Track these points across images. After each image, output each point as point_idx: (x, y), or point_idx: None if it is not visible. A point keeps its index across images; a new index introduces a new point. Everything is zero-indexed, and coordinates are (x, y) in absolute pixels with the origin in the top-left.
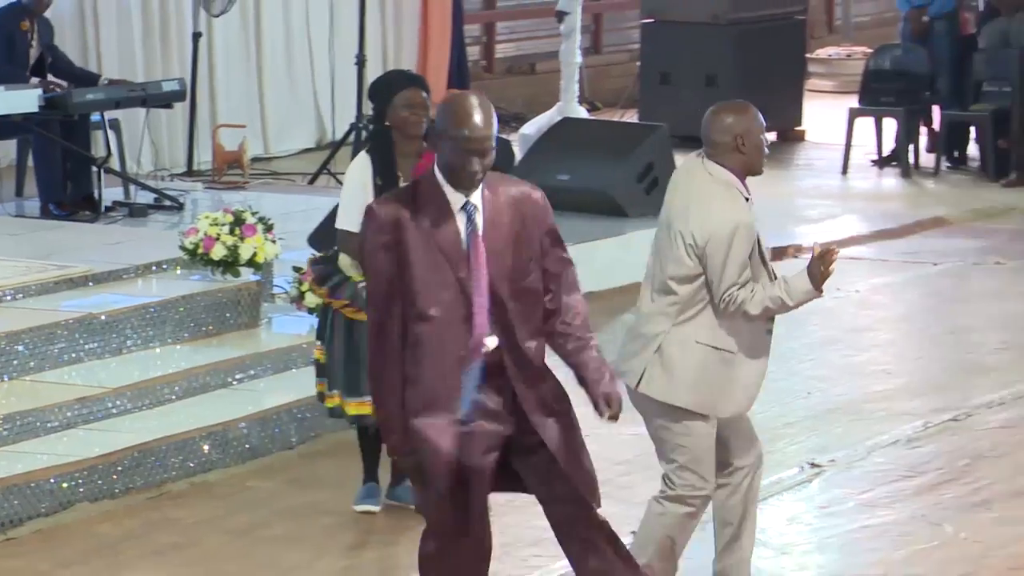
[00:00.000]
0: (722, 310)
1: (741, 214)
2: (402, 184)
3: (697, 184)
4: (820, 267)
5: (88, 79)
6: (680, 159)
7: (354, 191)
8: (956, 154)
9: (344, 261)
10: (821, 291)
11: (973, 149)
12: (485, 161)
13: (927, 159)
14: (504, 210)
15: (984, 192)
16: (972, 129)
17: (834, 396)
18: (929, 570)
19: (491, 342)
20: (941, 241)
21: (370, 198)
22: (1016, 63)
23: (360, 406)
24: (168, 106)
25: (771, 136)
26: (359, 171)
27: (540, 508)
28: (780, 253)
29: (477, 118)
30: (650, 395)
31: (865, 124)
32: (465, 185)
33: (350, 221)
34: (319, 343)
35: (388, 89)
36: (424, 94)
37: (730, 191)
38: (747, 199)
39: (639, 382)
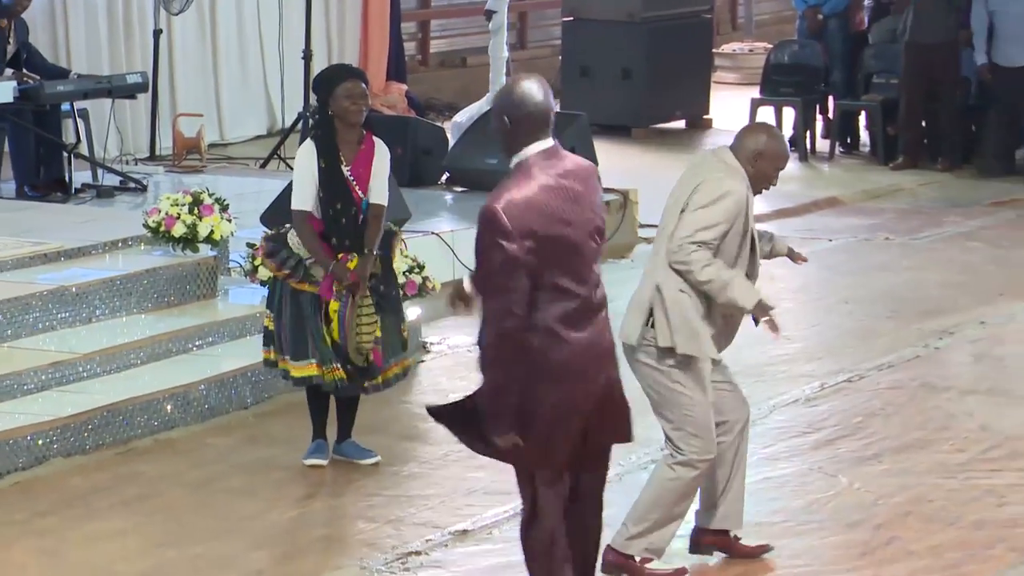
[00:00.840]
0: (671, 253)
1: (738, 186)
2: (344, 168)
3: (708, 165)
4: (766, 312)
5: (59, 73)
6: (599, 147)
7: (304, 176)
8: (848, 140)
9: (292, 239)
10: (754, 319)
11: (864, 135)
12: None
13: (822, 144)
14: None
15: (874, 174)
16: (863, 117)
17: (739, 360)
18: (826, 517)
19: None
20: (835, 219)
21: (315, 181)
22: (903, 57)
23: (305, 368)
24: (132, 97)
25: (681, 124)
26: (306, 157)
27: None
28: None
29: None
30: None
31: (766, 113)
32: None
33: (302, 202)
34: (268, 312)
35: (331, 81)
36: (364, 85)
37: (737, 172)
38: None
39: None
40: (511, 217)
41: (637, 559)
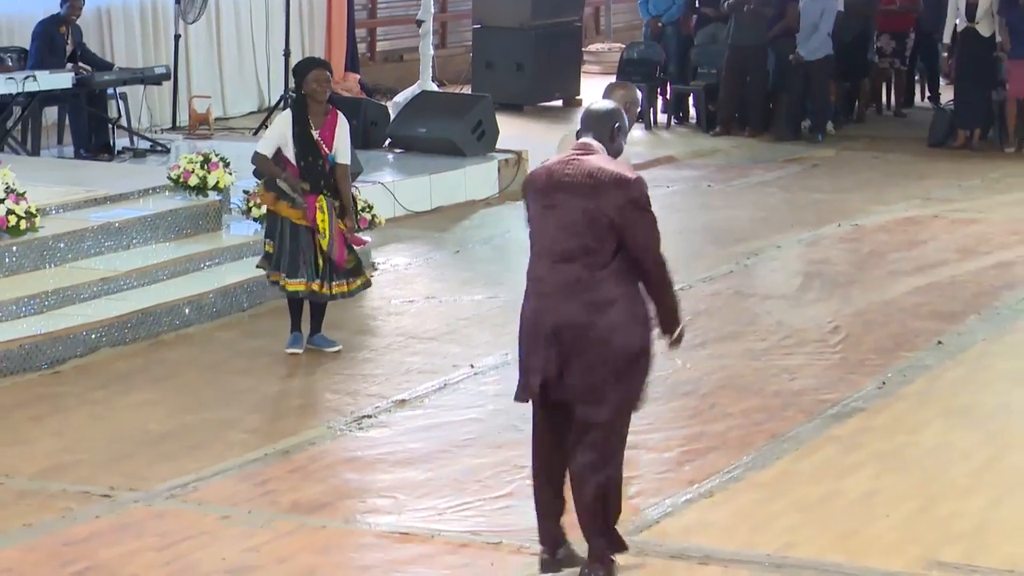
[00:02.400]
0: None
1: None
2: (313, 132)
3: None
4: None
5: (105, 66)
6: (500, 120)
7: (274, 132)
8: (680, 114)
9: (280, 183)
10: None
11: (692, 111)
12: None
13: (662, 118)
14: None
15: (699, 139)
16: (691, 98)
17: None
18: (666, 389)
19: None
20: (672, 171)
21: (289, 140)
22: (725, 54)
23: (296, 284)
24: (158, 83)
25: (559, 102)
26: (282, 122)
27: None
28: None
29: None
30: None
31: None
32: None
33: (265, 148)
34: (268, 240)
35: (304, 69)
36: (328, 73)
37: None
38: None
39: None
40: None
41: None
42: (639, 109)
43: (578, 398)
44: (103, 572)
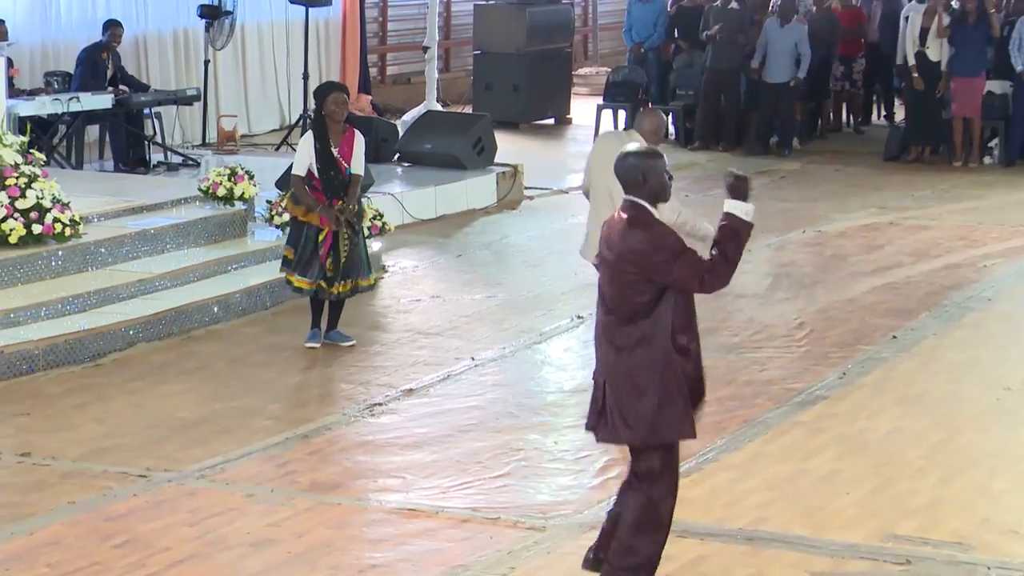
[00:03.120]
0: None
1: None
2: (333, 149)
3: (627, 142)
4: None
5: (142, 87)
6: (498, 136)
7: (302, 153)
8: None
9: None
10: None
11: (672, 129)
12: None
13: None
14: None
15: (679, 154)
16: (671, 116)
17: (587, 275)
18: None
19: None
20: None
21: (313, 157)
22: (704, 77)
23: (302, 282)
24: (190, 104)
25: (551, 121)
26: (306, 142)
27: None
28: (557, 193)
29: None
30: None
31: (607, 114)
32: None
33: (298, 169)
34: (289, 247)
35: (324, 92)
36: (345, 95)
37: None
38: None
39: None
40: None
41: None
42: (662, 131)
43: None
44: (140, 545)
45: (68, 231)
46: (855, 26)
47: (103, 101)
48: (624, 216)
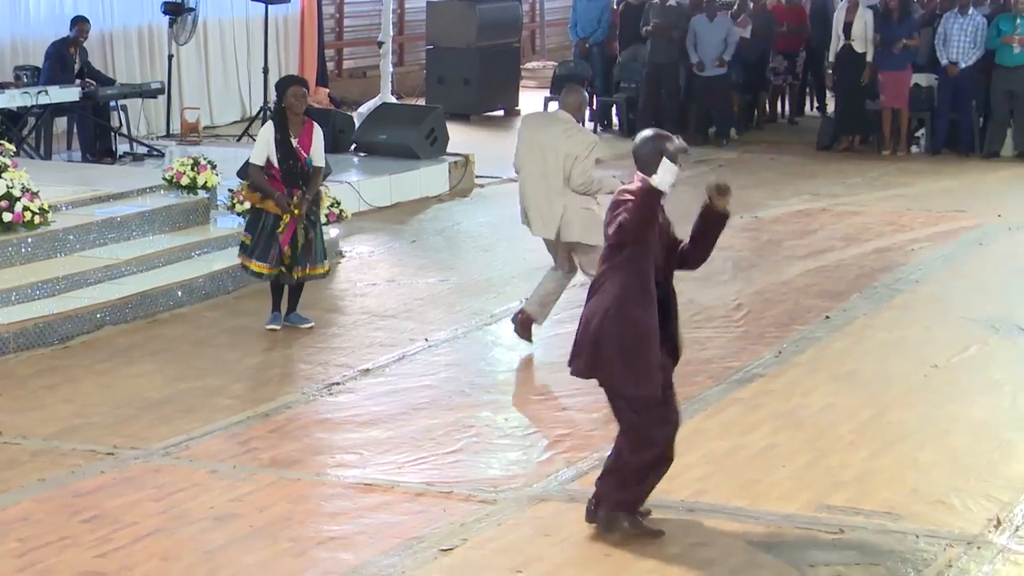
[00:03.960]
0: (579, 186)
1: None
2: (292, 140)
3: (562, 122)
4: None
5: (108, 81)
6: (450, 127)
7: (261, 143)
8: (606, 122)
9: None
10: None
11: (615, 120)
12: None
13: (590, 126)
14: None
15: (622, 144)
16: (615, 108)
17: (535, 260)
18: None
19: None
20: (596, 172)
21: (272, 147)
22: (644, 71)
23: (259, 266)
24: (154, 97)
25: (500, 112)
26: (267, 131)
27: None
28: (507, 181)
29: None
30: (574, 240)
31: (554, 105)
32: None
33: (257, 159)
34: (247, 233)
35: (284, 85)
36: (305, 88)
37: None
38: None
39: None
40: None
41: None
42: (585, 108)
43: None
44: (107, 520)
45: (37, 219)
46: (798, 23)
47: (71, 94)
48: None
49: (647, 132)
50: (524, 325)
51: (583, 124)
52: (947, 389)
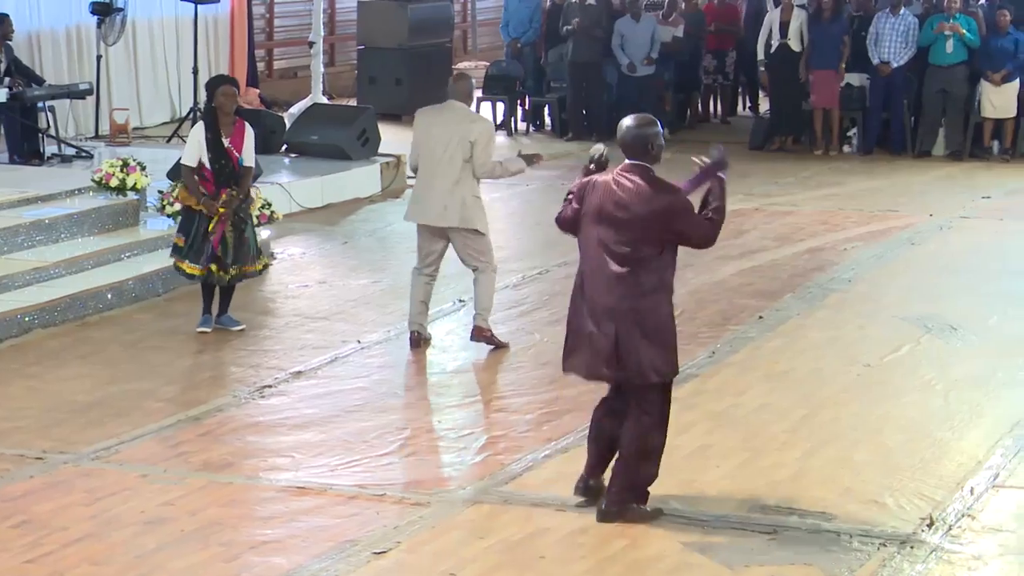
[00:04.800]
0: (484, 174)
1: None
2: (224, 140)
3: (462, 113)
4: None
5: (38, 79)
6: (382, 128)
7: (193, 143)
8: (538, 122)
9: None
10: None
11: (548, 120)
12: None
13: (522, 126)
14: None
15: (554, 144)
16: (546, 108)
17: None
18: (527, 360)
19: None
20: (530, 172)
21: (204, 147)
22: (567, 71)
23: (192, 268)
24: (83, 97)
25: None
26: (197, 132)
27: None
28: None
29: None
30: (467, 227)
31: (486, 106)
32: None
33: (189, 159)
34: (180, 234)
35: (214, 85)
36: (235, 88)
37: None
38: None
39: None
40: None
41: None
42: (474, 94)
43: None
44: (37, 525)
45: None
46: (729, 21)
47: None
48: (638, 179)
49: (631, 120)
50: (493, 342)
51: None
52: (880, 388)
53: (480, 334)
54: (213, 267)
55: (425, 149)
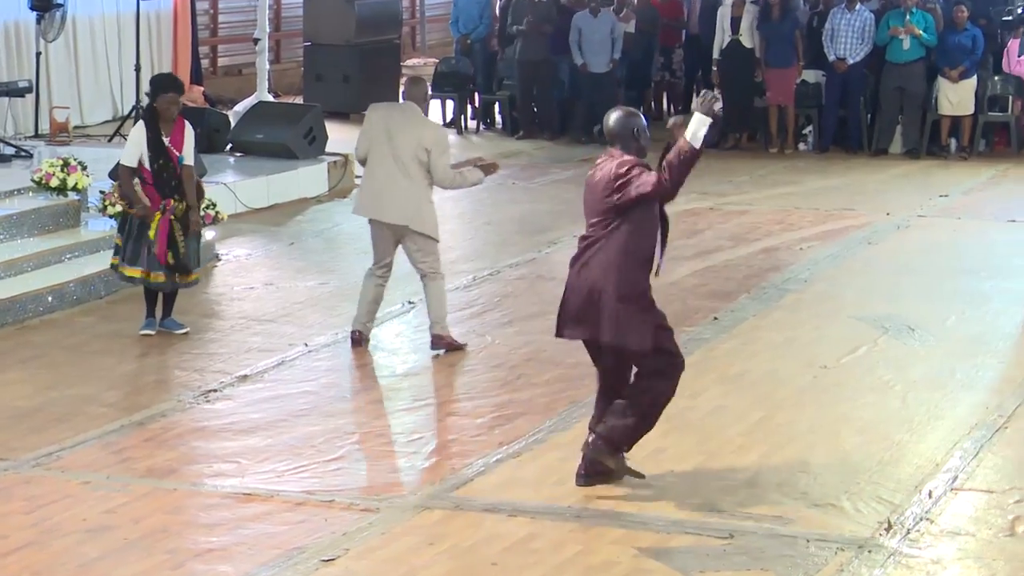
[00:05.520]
0: (443, 181)
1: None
2: (164, 139)
3: (415, 117)
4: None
5: None
6: (329, 126)
7: (132, 143)
8: (488, 120)
9: (136, 187)
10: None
11: (499, 118)
12: None
13: (472, 124)
14: None
15: (505, 142)
16: (497, 106)
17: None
18: (477, 362)
19: None
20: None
21: (144, 147)
22: (516, 68)
23: (133, 271)
24: (22, 96)
25: None
26: (138, 131)
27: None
28: None
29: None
30: (421, 231)
31: (435, 104)
32: None
33: (128, 160)
34: (119, 235)
35: (160, 89)
36: (179, 95)
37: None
38: None
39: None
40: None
41: (447, 333)
42: (429, 99)
43: None
44: None
45: None
46: (674, 17)
47: None
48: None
49: (617, 112)
50: (452, 347)
51: (427, 115)
52: (837, 390)
53: (440, 342)
54: (154, 275)
55: (379, 146)
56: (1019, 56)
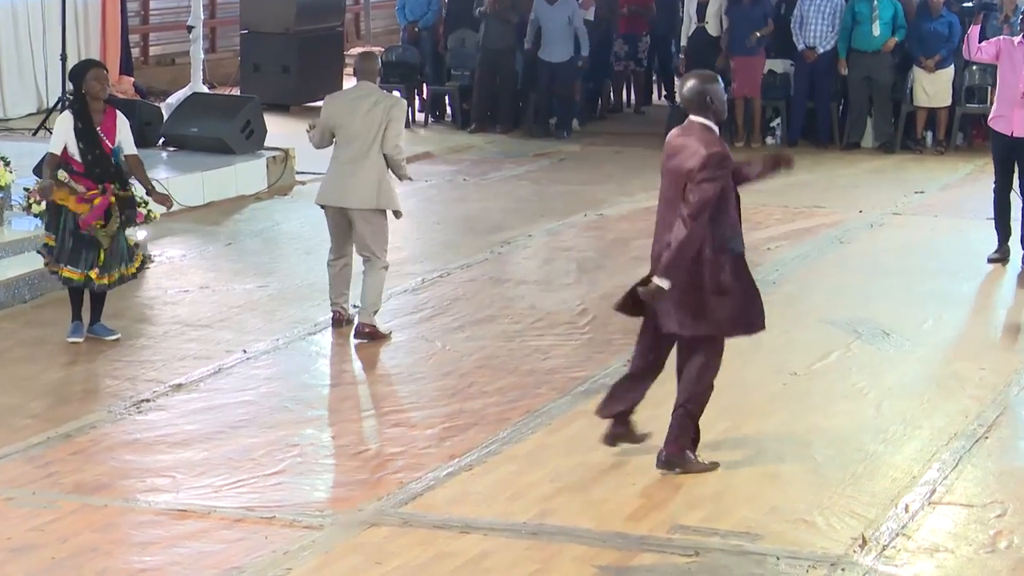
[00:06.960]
0: (395, 151)
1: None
2: (96, 128)
3: (375, 93)
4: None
5: None
6: (268, 119)
7: (60, 132)
8: (437, 113)
9: (61, 175)
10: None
11: (448, 110)
12: None
13: (420, 117)
14: None
15: (455, 136)
16: (447, 97)
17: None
18: (428, 369)
19: None
20: (429, 167)
21: (73, 137)
22: (472, 58)
23: (71, 273)
24: None
25: (321, 103)
26: (65, 121)
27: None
28: None
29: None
30: (387, 207)
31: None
32: None
33: (54, 147)
34: (49, 233)
35: (82, 70)
36: (105, 72)
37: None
38: None
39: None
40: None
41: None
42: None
43: None
44: None
45: None
46: (642, 3)
47: None
48: (694, 135)
49: (692, 79)
50: (375, 336)
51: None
52: (808, 398)
53: (363, 331)
54: (93, 273)
55: (343, 132)
56: (979, 43)
